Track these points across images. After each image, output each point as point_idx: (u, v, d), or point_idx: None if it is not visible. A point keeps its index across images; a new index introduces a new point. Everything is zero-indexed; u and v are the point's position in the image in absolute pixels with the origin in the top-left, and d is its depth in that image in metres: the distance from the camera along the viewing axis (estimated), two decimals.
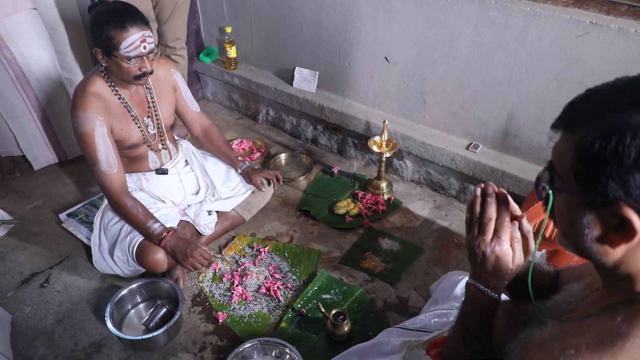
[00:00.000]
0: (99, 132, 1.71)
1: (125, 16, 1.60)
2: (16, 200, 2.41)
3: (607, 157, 0.58)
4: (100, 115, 1.71)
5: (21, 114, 2.32)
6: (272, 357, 1.64)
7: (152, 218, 1.77)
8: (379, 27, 2.27)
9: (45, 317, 1.82)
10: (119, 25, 1.58)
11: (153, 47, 1.67)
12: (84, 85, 1.72)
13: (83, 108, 1.69)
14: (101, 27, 1.59)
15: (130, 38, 1.59)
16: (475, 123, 2.20)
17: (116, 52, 1.61)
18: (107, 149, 1.73)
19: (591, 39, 1.75)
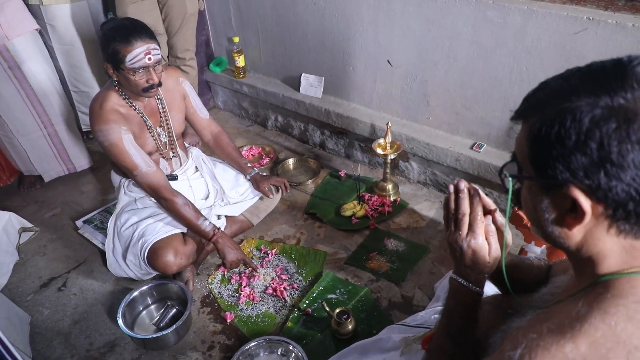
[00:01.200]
0: (127, 139, 1.78)
1: (129, 31, 1.68)
2: (36, 209, 2.52)
3: (551, 140, 0.62)
4: (122, 124, 1.79)
5: (32, 131, 2.41)
6: (278, 355, 1.68)
7: (202, 215, 1.87)
8: (380, 32, 2.31)
9: (63, 319, 1.90)
10: (123, 40, 1.66)
11: (159, 58, 1.73)
12: (100, 101, 1.79)
13: (104, 122, 1.76)
14: (108, 43, 1.68)
15: (135, 51, 1.66)
16: (478, 122, 2.22)
17: (123, 65, 1.68)
18: (139, 152, 1.80)
19: (589, 35, 1.75)
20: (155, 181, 1.82)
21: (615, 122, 0.58)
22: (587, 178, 0.60)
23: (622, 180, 0.58)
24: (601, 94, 0.60)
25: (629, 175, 0.58)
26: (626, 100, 0.58)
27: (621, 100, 0.59)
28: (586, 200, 0.61)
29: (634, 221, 0.61)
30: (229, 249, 1.89)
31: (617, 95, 0.59)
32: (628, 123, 0.57)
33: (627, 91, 0.59)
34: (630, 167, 0.57)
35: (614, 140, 0.57)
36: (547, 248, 1.52)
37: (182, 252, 1.84)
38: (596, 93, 0.60)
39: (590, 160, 0.59)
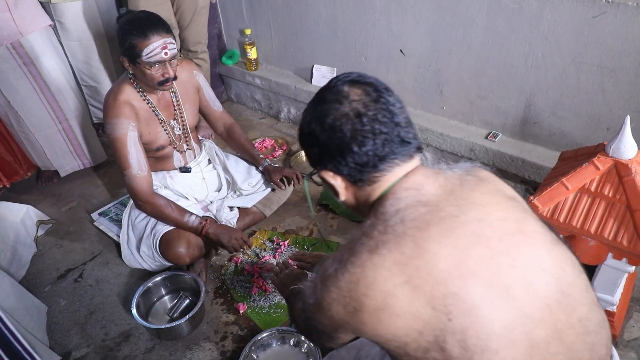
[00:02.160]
0: (131, 137, 1.79)
1: (146, 24, 1.68)
2: (53, 202, 2.56)
3: (301, 141, 0.95)
4: (132, 120, 1.79)
5: (47, 127, 2.44)
6: (290, 346, 1.68)
7: (186, 212, 1.86)
8: (392, 20, 2.28)
9: (79, 310, 1.93)
10: (140, 33, 1.66)
11: (175, 52, 1.73)
12: (115, 93, 1.80)
13: (115, 115, 1.77)
14: (125, 36, 1.68)
15: (152, 45, 1.66)
16: (493, 112, 2.18)
17: (139, 59, 1.68)
18: (138, 153, 1.81)
19: (608, 19, 1.70)
20: (139, 186, 1.81)
21: (317, 121, 0.88)
22: (324, 165, 0.91)
23: (340, 160, 0.88)
24: (312, 107, 0.91)
25: (342, 158, 0.87)
26: (322, 106, 0.88)
27: (322, 106, 0.88)
28: (333, 178, 0.92)
29: (361, 181, 0.89)
30: (222, 235, 1.88)
31: (319, 105, 0.89)
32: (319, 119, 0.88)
33: (324, 101, 0.88)
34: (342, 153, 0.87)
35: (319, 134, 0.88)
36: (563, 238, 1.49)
37: (194, 243, 1.85)
38: (310, 107, 0.91)
39: (317, 151, 0.91)
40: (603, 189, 1.37)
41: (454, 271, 0.75)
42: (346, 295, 0.80)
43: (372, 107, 0.86)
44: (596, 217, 1.38)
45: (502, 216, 0.83)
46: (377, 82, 0.91)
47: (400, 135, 0.88)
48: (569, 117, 1.96)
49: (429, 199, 0.84)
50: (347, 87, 0.88)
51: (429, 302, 0.74)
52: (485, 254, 0.77)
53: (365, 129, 0.85)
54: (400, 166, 0.89)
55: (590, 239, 1.41)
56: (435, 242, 0.77)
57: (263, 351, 1.66)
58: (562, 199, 1.43)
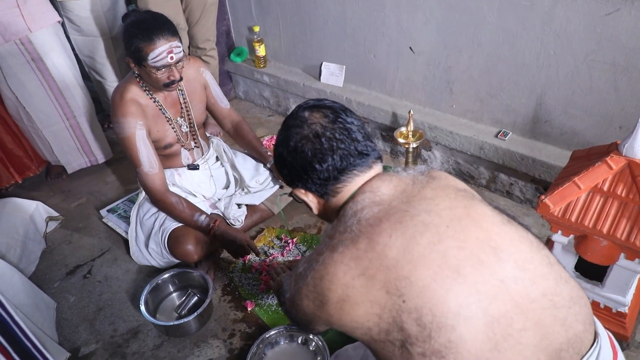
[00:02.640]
0: (140, 136, 1.80)
1: (152, 28, 1.66)
2: (63, 198, 2.57)
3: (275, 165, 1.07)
4: (139, 119, 1.80)
5: (54, 123, 2.45)
6: (298, 344, 1.67)
7: (198, 211, 1.87)
8: (402, 17, 2.26)
9: (88, 306, 1.93)
10: (146, 37, 1.65)
11: (181, 56, 1.73)
12: (122, 92, 1.80)
13: (123, 114, 1.78)
14: (130, 39, 1.68)
15: (157, 50, 1.66)
16: (503, 110, 2.16)
17: (145, 62, 1.68)
18: (147, 150, 1.81)
19: (622, 16, 1.68)
20: (150, 184, 1.83)
21: (283, 144, 1.01)
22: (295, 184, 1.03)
23: (306, 178, 0.99)
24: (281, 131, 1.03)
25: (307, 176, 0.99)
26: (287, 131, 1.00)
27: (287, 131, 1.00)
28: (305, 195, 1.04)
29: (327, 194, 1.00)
30: (227, 240, 1.85)
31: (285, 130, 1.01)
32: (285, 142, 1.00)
33: (289, 126, 1.00)
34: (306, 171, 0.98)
35: (286, 156, 1.00)
36: (574, 238, 1.47)
37: (202, 240, 1.86)
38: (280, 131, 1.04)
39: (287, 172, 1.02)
40: (616, 189, 1.35)
41: (402, 258, 0.83)
42: (312, 290, 0.90)
43: (329, 127, 0.97)
44: (609, 217, 1.36)
45: (450, 205, 0.90)
46: (335, 106, 1.02)
47: (358, 148, 0.98)
48: (580, 115, 1.94)
49: (383, 198, 0.93)
50: (307, 112, 0.99)
51: (383, 288, 0.82)
52: (433, 239, 0.84)
53: (324, 147, 0.95)
54: (359, 176, 0.99)
55: (603, 239, 1.39)
56: (386, 235, 0.85)
57: (271, 349, 1.66)
58: (574, 199, 1.41)
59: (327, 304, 0.88)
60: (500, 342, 0.78)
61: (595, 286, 1.53)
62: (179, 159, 2.05)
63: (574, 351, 0.83)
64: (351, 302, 0.85)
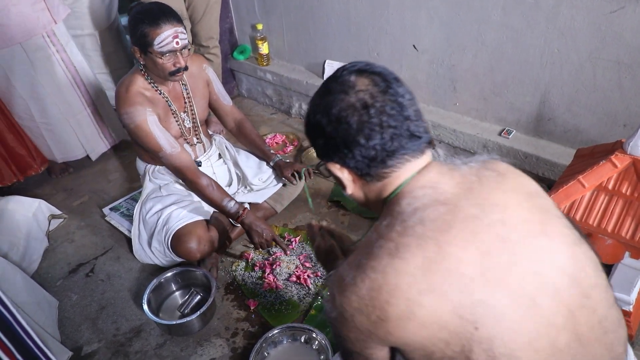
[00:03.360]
0: (152, 121, 1.80)
1: (157, 14, 1.69)
2: (65, 197, 2.57)
3: (307, 133, 0.91)
4: (147, 106, 1.81)
5: (78, 111, 2.50)
6: (301, 343, 1.67)
7: (227, 196, 1.87)
8: (406, 16, 2.25)
9: (90, 304, 1.93)
10: (152, 22, 1.67)
11: (186, 42, 1.74)
12: (126, 84, 1.81)
13: (130, 104, 1.79)
14: (136, 26, 1.70)
15: (163, 34, 1.67)
16: (507, 108, 2.15)
17: (150, 48, 1.69)
18: (164, 133, 1.83)
19: (627, 14, 1.67)
20: (178, 163, 1.84)
21: (323, 112, 0.84)
22: (330, 157, 0.88)
23: (347, 153, 0.84)
24: (318, 97, 0.87)
25: (349, 151, 0.83)
26: (329, 96, 0.84)
27: (328, 97, 0.84)
28: (340, 170, 0.88)
29: (370, 175, 0.86)
30: (255, 230, 1.87)
31: (325, 96, 0.85)
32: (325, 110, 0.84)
33: (330, 92, 0.84)
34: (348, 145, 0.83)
35: (325, 126, 0.84)
36: None
37: (205, 239, 1.85)
38: (316, 97, 0.88)
39: (323, 143, 0.87)
40: (621, 187, 1.35)
41: (479, 278, 0.72)
42: (368, 303, 0.75)
43: (379, 98, 0.82)
44: (613, 216, 1.35)
45: (525, 217, 0.80)
46: (385, 72, 0.86)
47: (410, 129, 0.83)
48: (584, 113, 1.93)
49: (448, 197, 0.80)
50: (353, 76, 0.84)
51: (454, 311, 0.71)
52: (511, 259, 0.75)
53: (373, 121, 0.81)
54: (410, 162, 0.84)
55: (607, 238, 1.38)
56: (458, 246, 0.74)
57: (274, 348, 1.66)
58: (579, 197, 1.41)
59: (386, 321, 0.74)
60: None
61: None
62: None
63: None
64: (416, 323, 0.72)
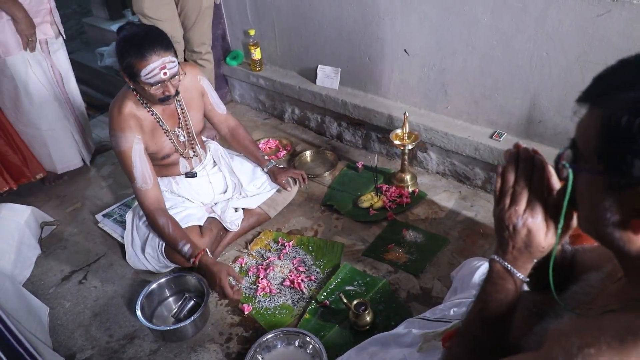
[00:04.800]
0: (136, 150, 1.78)
1: (144, 44, 1.61)
2: (58, 203, 2.56)
3: (634, 133, 0.53)
4: (137, 133, 1.78)
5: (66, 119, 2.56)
6: (295, 347, 1.67)
7: (184, 238, 1.79)
8: (397, 20, 2.27)
9: (83, 311, 1.92)
10: (138, 54, 1.61)
11: (175, 71, 1.68)
12: (119, 106, 1.78)
13: (121, 129, 1.76)
14: (123, 55, 1.64)
15: (150, 66, 1.61)
16: (498, 111, 2.17)
17: (138, 78, 1.65)
18: (142, 165, 1.79)
19: (613, 17, 1.69)
20: (142, 199, 1.82)
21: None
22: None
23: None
24: None
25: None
26: None
27: None
28: None
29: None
30: (209, 278, 1.76)
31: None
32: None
33: None
34: None
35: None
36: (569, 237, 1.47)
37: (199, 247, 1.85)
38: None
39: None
40: None
41: None
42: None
43: None
44: None
45: None
46: None
47: None
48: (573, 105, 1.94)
49: None
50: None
51: None
52: None
53: None
54: None
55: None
56: None
57: (268, 352, 1.66)
58: None
59: None
60: None
61: None
62: (177, 168, 2.03)
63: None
64: None
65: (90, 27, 4.16)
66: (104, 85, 3.68)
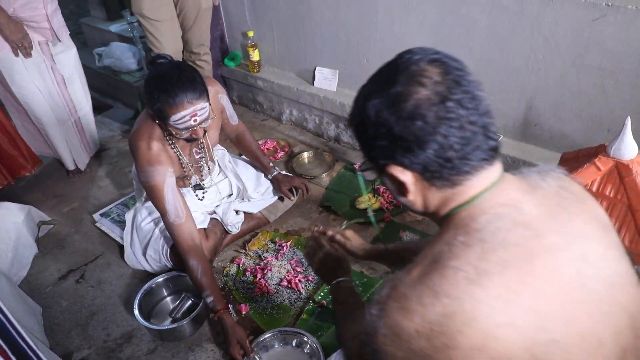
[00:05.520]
0: (169, 184, 1.71)
1: (176, 90, 1.55)
2: (55, 203, 2.56)
3: (362, 135, 0.78)
4: (169, 166, 1.73)
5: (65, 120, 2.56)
6: (293, 347, 1.68)
7: (209, 288, 1.70)
8: (395, 22, 2.29)
9: (80, 311, 1.93)
10: (169, 99, 1.54)
11: (206, 116, 1.63)
12: (147, 139, 1.72)
13: (151, 163, 1.70)
14: (152, 95, 1.57)
15: (180, 113, 1.56)
16: (494, 113, 2.17)
17: (167, 121, 1.60)
18: (175, 199, 1.72)
19: (608, 22, 1.71)
20: (177, 236, 1.72)
21: (390, 108, 0.72)
22: (395, 158, 0.74)
23: (418, 153, 0.72)
24: (379, 90, 0.74)
25: (422, 150, 0.71)
26: (396, 89, 0.72)
27: (396, 89, 0.72)
28: (402, 173, 0.75)
29: (441, 179, 0.74)
30: (226, 338, 1.67)
31: (390, 88, 0.72)
32: (395, 106, 0.71)
33: (397, 83, 0.72)
34: (421, 145, 0.71)
35: (394, 124, 0.72)
36: None
37: (204, 249, 1.84)
38: (376, 90, 0.75)
39: (388, 143, 0.74)
40: (604, 190, 1.38)
41: (557, 316, 0.68)
42: (436, 329, 0.68)
43: (456, 90, 0.71)
44: None
45: (602, 255, 0.76)
46: (456, 60, 0.77)
47: (487, 127, 0.74)
48: (569, 118, 1.97)
49: (530, 220, 0.73)
50: (425, 64, 0.73)
51: (528, 349, 0.66)
52: (586, 298, 0.71)
53: (451, 116, 0.70)
54: (485, 170, 0.75)
55: None
56: (542, 280, 0.69)
57: (266, 352, 1.66)
58: None
59: (453, 349, 0.66)
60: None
61: None
62: (187, 182, 2.01)
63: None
64: (486, 355, 0.66)
65: (88, 27, 4.16)
66: (102, 85, 3.68)
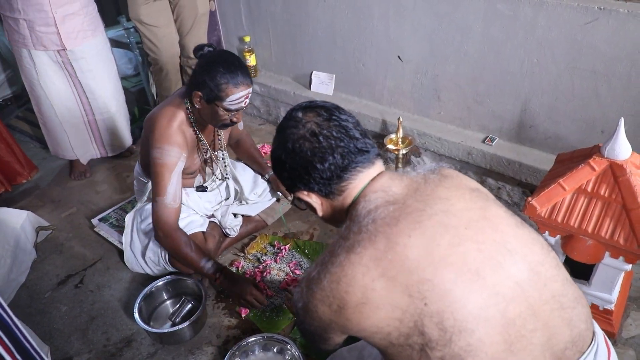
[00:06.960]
0: (179, 167, 1.73)
1: (239, 72, 1.62)
2: (53, 208, 2.56)
3: (275, 169, 1.05)
4: (184, 151, 1.75)
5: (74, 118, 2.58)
6: (274, 353, 1.67)
7: (205, 256, 1.77)
8: (390, 27, 2.32)
9: (80, 315, 1.93)
10: (232, 79, 1.60)
11: (248, 102, 1.72)
12: (170, 118, 1.73)
13: (170, 142, 1.71)
14: (213, 75, 1.60)
15: (239, 93, 1.63)
16: (490, 116, 2.21)
17: (219, 102, 1.63)
18: (178, 184, 1.74)
19: (601, 25, 1.74)
20: (166, 216, 1.72)
21: (281, 149, 0.99)
22: (297, 186, 1.01)
23: (309, 178, 0.97)
24: (276, 138, 1.03)
25: (309, 176, 0.97)
26: (284, 134, 1.00)
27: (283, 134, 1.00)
28: (308, 196, 1.02)
29: (335, 192, 0.98)
30: (233, 292, 1.81)
31: (280, 134, 1.00)
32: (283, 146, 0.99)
33: (293, 127, 0.98)
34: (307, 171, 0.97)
35: (286, 159, 0.99)
36: (561, 238, 1.51)
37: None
38: (275, 138, 1.03)
39: (288, 175, 1.01)
40: (599, 190, 1.40)
41: (424, 259, 0.82)
42: (329, 294, 0.86)
43: (325, 125, 0.96)
44: (593, 217, 1.41)
45: (466, 206, 0.89)
46: (327, 104, 1.01)
47: (358, 146, 0.97)
48: (564, 121, 2.00)
49: (396, 197, 0.91)
50: (300, 113, 0.99)
51: (404, 291, 0.80)
52: (453, 241, 0.84)
53: (323, 145, 0.95)
54: (363, 172, 0.98)
55: (588, 238, 1.43)
56: (405, 235, 0.84)
57: (245, 357, 1.66)
58: (560, 200, 1.46)
59: (345, 308, 0.85)
60: (514, 343, 0.79)
61: (583, 285, 1.57)
62: (192, 181, 2.03)
63: (576, 349, 0.86)
64: (371, 306, 0.82)
65: None
66: None
